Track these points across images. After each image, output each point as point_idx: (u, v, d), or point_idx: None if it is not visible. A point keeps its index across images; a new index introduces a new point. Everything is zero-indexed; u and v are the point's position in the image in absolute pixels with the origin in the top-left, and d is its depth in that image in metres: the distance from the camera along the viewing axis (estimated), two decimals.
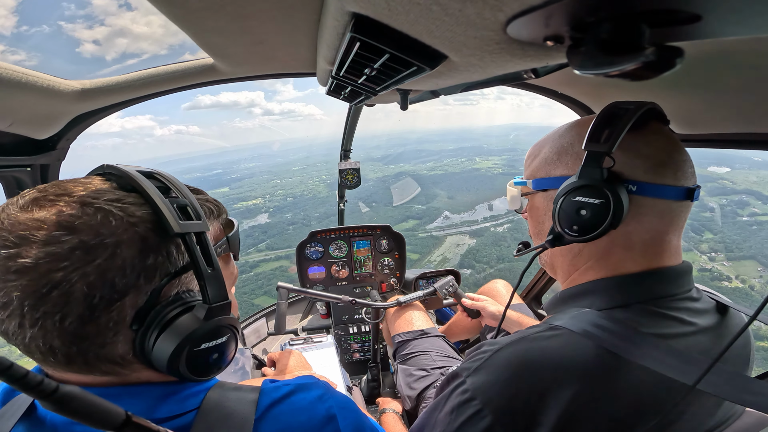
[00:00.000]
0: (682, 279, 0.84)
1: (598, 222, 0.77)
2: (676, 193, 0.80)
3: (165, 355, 0.60)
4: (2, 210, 0.55)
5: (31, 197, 0.56)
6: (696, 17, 0.40)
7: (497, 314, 1.76)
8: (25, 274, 0.51)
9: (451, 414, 0.81)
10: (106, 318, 0.56)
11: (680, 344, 0.76)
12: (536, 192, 0.96)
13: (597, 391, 0.71)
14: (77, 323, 0.54)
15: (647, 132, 0.82)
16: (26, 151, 1.47)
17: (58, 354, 0.55)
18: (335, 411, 0.70)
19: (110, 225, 0.56)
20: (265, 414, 0.65)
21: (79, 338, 0.55)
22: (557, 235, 0.85)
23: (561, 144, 0.91)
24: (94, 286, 0.53)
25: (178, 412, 0.62)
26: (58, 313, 0.52)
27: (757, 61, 0.83)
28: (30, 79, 1.11)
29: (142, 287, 0.58)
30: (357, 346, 2.69)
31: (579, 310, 0.83)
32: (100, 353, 0.57)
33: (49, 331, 0.53)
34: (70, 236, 0.53)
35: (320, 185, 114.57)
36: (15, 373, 0.38)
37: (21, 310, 0.51)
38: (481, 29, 0.55)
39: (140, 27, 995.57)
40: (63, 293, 0.52)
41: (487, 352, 0.83)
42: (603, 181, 0.77)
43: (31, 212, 0.54)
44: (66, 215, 0.54)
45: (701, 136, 1.33)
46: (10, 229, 0.52)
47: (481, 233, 67.42)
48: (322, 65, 1.12)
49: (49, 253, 0.52)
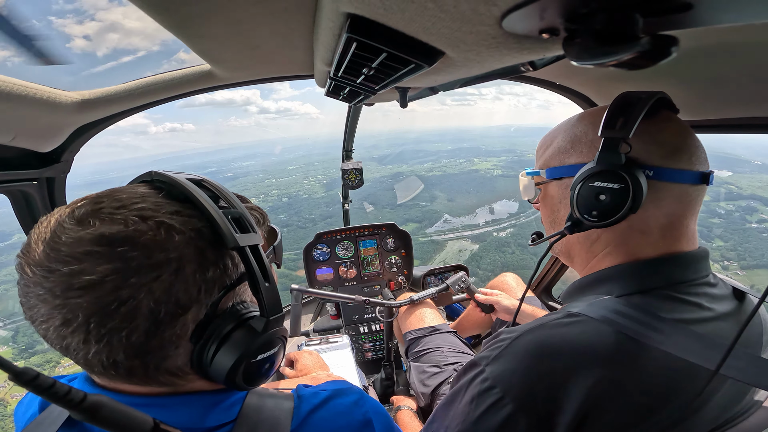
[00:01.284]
0: (700, 264, 0.83)
1: (618, 206, 0.77)
2: (691, 177, 0.80)
3: (224, 367, 0.60)
4: (56, 224, 0.54)
5: (88, 210, 0.55)
6: (687, 5, 0.40)
7: (511, 308, 1.76)
8: (90, 290, 0.50)
9: (471, 403, 0.80)
10: (169, 333, 0.56)
11: (700, 329, 0.75)
12: (550, 181, 0.97)
13: (619, 377, 0.71)
14: (143, 338, 0.54)
15: (660, 119, 0.83)
16: (31, 165, 1.49)
17: (120, 368, 0.55)
18: (371, 415, 0.73)
19: (173, 240, 0.55)
20: (306, 420, 0.67)
21: (143, 353, 0.55)
22: (576, 221, 0.85)
23: (574, 133, 0.92)
24: (160, 301, 0.53)
25: (225, 420, 0.63)
26: (125, 329, 0.52)
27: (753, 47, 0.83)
28: (29, 92, 1.12)
29: (203, 301, 0.58)
30: (369, 346, 2.69)
31: (597, 297, 0.83)
32: (161, 366, 0.58)
33: (115, 346, 0.53)
34: (135, 252, 0.52)
35: (316, 185, 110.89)
36: (42, 384, 0.39)
37: (86, 327, 0.51)
38: (477, 24, 0.55)
39: (132, 22, 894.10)
40: (130, 309, 0.52)
41: (506, 340, 0.82)
42: (621, 165, 0.77)
43: (92, 227, 0.53)
44: (130, 230, 0.53)
45: (704, 121, 1.33)
46: (71, 245, 0.51)
47: (483, 238, 63.27)
48: (320, 67, 1.12)
49: (115, 269, 0.51)
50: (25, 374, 0.38)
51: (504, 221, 70.05)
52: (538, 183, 1.01)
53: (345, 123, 2.81)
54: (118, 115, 1.56)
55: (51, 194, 1.65)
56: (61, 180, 1.67)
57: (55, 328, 0.51)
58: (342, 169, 2.81)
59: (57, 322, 0.51)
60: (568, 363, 0.73)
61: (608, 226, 0.80)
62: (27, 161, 1.46)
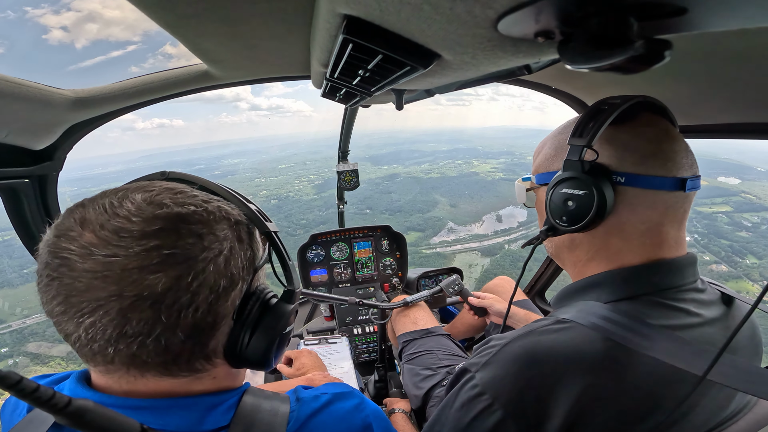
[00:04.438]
0: (687, 270, 0.84)
1: (584, 212, 0.79)
2: (666, 184, 0.80)
3: (264, 341, 0.67)
4: (114, 209, 0.56)
5: (150, 196, 0.59)
6: (682, 10, 0.40)
7: (504, 312, 1.77)
8: (169, 266, 0.54)
9: (462, 409, 0.82)
10: (222, 307, 0.61)
11: (688, 335, 0.76)
12: (539, 186, 0.99)
13: (607, 383, 0.72)
14: (204, 312, 0.58)
15: (636, 124, 0.83)
16: (23, 162, 1.47)
17: (168, 353, 0.57)
18: (371, 420, 0.73)
19: (229, 222, 0.63)
20: (305, 424, 0.67)
21: (199, 331, 0.58)
22: (551, 226, 0.88)
23: (558, 141, 0.94)
24: (220, 275, 0.59)
25: (223, 423, 0.63)
26: (193, 304, 0.56)
27: (747, 52, 0.84)
28: (23, 89, 1.11)
29: (245, 278, 0.65)
30: (362, 347, 2.69)
31: (586, 303, 0.84)
32: (206, 346, 0.61)
33: (181, 324, 0.55)
34: (205, 229, 0.59)
35: (308, 186, 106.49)
36: (24, 388, 0.39)
37: (160, 304, 0.53)
38: (473, 27, 0.55)
39: (111, 11, 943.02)
40: (200, 283, 0.56)
41: (496, 347, 0.83)
42: (584, 173, 0.79)
43: (166, 208, 0.57)
44: (200, 211, 0.60)
45: (698, 126, 1.34)
46: (145, 223, 0.55)
47: (494, 251, 58.81)
48: (316, 68, 1.12)
49: (192, 244, 0.56)
50: (7, 378, 0.38)
51: (514, 231, 66.13)
52: (529, 188, 1.04)
53: (341, 124, 2.81)
54: (112, 113, 1.55)
55: (43, 192, 1.64)
56: (53, 178, 1.65)
57: (118, 311, 0.52)
58: (338, 171, 2.81)
59: (126, 302, 0.52)
60: (557, 369, 0.74)
61: (579, 231, 0.82)
62: (19, 159, 1.45)
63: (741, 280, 39.61)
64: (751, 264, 42.42)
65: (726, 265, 41.30)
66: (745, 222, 51.03)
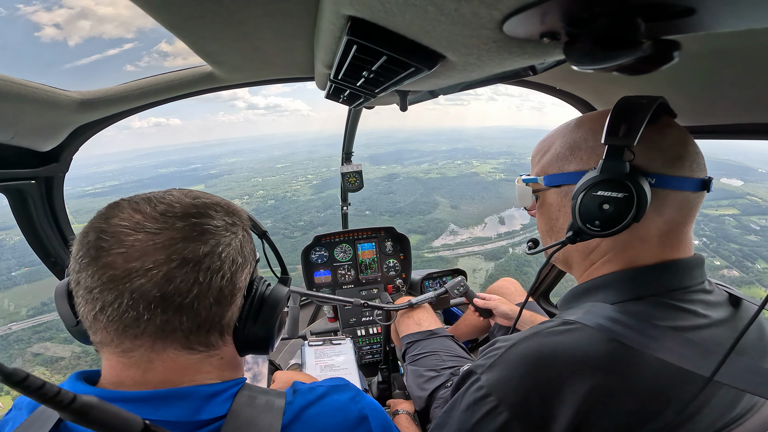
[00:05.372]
0: (695, 271, 0.83)
1: (622, 215, 0.76)
2: (693, 185, 0.80)
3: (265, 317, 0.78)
4: (161, 194, 0.70)
5: (188, 190, 0.75)
6: (690, 10, 0.40)
7: (509, 313, 1.76)
8: (210, 235, 0.67)
9: (467, 411, 0.81)
10: (239, 281, 0.71)
11: (695, 337, 0.75)
12: (548, 188, 0.95)
13: (613, 385, 0.71)
14: (227, 280, 0.68)
15: (661, 126, 0.82)
16: (30, 164, 1.48)
17: (199, 317, 0.65)
18: (367, 411, 0.74)
19: (241, 217, 0.77)
20: (299, 415, 0.68)
21: (222, 298, 0.68)
22: (577, 231, 0.83)
23: (573, 139, 0.90)
24: (238, 252, 0.71)
25: (219, 414, 0.64)
26: (221, 271, 0.66)
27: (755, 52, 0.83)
28: (30, 91, 1.12)
29: (251, 263, 0.77)
30: (366, 349, 2.69)
31: (594, 304, 0.83)
32: (223, 317, 0.70)
33: (213, 287, 0.66)
34: (228, 216, 0.73)
35: (306, 187, 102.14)
36: (31, 385, 0.39)
37: (199, 266, 0.64)
38: (478, 28, 0.55)
39: (104, 8, 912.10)
40: (226, 254, 0.68)
41: (501, 348, 0.83)
42: (626, 174, 0.75)
43: (200, 198, 0.72)
44: (224, 203, 0.76)
45: (704, 127, 1.33)
46: (188, 206, 0.68)
47: (498, 255, 55.64)
48: (320, 69, 1.12)
49: (225, 223, 0.71)
50: (14, 375, 0.38)
51: (518, 234, 63.42)
52: (535, 190, 1.00)
53: (345, 125, 2.81)
54: (118, 115, 1.56)
55: (49, 193, 1.65)
56: (60, 180, 1.66)
57: (164, 273, 0.61)
58: (342, 172, 2.81)
59: (173, 264, 0.61)
60: (563, 371, 0.74)
61: (611, 235, 0.78)
62: (26, 160, 1.46)
63: (753, 285, 38.64)
64: (763, 269, 41.36)
65: (738, 270, 40.25)
66: (753, 225, 49.75)
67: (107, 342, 0.64)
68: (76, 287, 0.64)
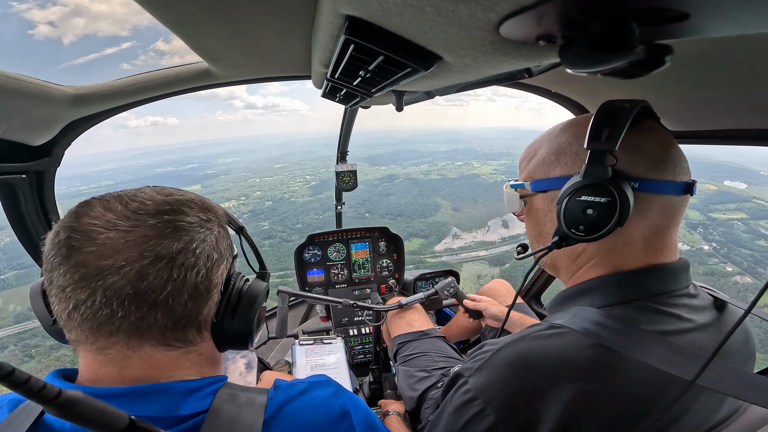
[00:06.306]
0: (681, 275, 0.84)
1: (606, 220, 0.76)
2: (676, 188, 0.81)
3: (243, 312, 0.78)
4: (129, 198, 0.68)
5: (162, 187, 0.74)
6: (684, 15, 0.40)
7: (499, 315, 1.77)
8: (183, 232, 0.67)
9: (455, 414, 0.82)
10: (215, 277, 0.71)
11: (679, 341, 0.76)
12: (535, 194, 0.96)
13: (598, 389, 0.72)
14: (203, 277, 0.68)
15: (643, 129, 0.82)
16: (21, 158, 1.47)
17: (174, 313, 0.65)
18: (348, 407, 0.74)
19: (216, 213, 0.77)
20: (280, 410, 0.68)
21: (198, 295, 0.68)
22: (563, 236, 0.83)
23: (558, 144, 0.91)
24: (213, 249, 0.71)
25: (199, 409, 0.64)
26: (196, 267, 0.67)
27: (747, 57, 0.84)
28: (23, 85, 1.11)
29: (227, 259, 0.76)
30: (358, 349, 2.68)
31: (580, 308, 0.84)
32: (200, 313, 0.70)
33: (187, 284, 0.66)
34: (202, 212, 0.73)
35: (304, 187, 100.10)
36: (17, 379, 0.39)
37: (172, 263, 0.64)
38: (474, 30, 0.55)
39: (98, 5, 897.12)
40: (200, 251, 0.68)
41: (489, 352, 0.83)
42: (608, 179, 0.76)
43: (172, 195, 0.72)
44: (198, 199, 0.75)
45: (696, 132, 1.34)
46: (159, 204, 0.68)
47: (503, 260, 53.19)
48: (317, 68, 1.12)
49: (200, 219, 0.71)
50: (1, 369, 0.38)
51: (523, 238, 59.46)
52: (523, 195, 1.01)
53: (341, 124, 2.81)
54: (112, 110, 1.55)
55: (40, 188, 1.63)
56: (51, 174, 1.65)
57: (137, 270, 0.61)
58: (336, 171, 2.80)
59: (146, 261, 0.61)
60: (549, 375, 0.74)
61: (595, 240, 0.79)
62: (17, 154, 1.44)
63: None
64: None
65: (750, 276, 39.59)
66: (762, 230, 49.30)
67: (82, 340, 0.64)
68: (49, 286, 0.64)
